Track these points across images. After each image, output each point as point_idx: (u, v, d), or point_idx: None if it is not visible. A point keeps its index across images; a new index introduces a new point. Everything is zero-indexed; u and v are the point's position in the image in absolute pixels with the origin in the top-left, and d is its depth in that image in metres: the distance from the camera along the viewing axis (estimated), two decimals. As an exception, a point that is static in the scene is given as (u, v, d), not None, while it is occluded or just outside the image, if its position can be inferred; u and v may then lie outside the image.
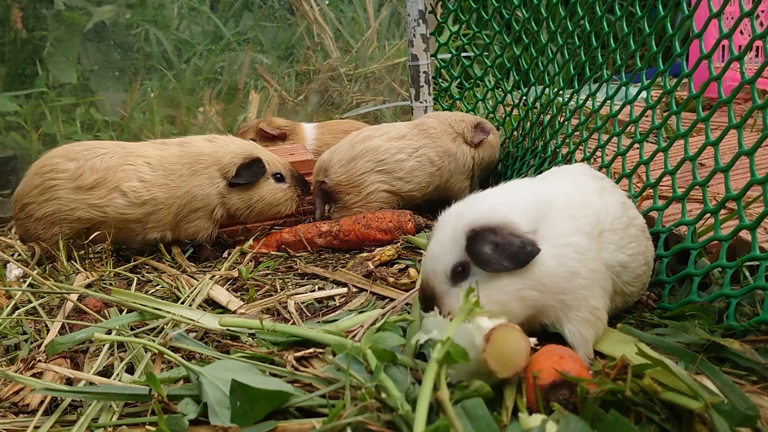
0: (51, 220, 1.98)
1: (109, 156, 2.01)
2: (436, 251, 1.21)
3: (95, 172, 1.97)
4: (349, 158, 2.26)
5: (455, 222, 1.21)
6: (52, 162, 2.00)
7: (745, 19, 1.43)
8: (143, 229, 2.05)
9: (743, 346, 1.19)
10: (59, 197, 1.97)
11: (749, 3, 1.45)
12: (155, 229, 2.06)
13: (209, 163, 2.07)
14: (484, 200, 1.25)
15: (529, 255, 1.14)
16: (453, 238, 1.19)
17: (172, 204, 2.04)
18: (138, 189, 1.99)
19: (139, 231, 2.05)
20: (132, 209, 2.00)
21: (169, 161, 2.05)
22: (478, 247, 1.14)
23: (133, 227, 2.04)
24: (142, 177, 2.00)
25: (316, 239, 2.11)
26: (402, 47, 3.79)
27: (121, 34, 3.14)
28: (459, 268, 1.18)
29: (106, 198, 1.97)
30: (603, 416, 0.98)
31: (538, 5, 2.43)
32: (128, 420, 1.16)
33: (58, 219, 1.98)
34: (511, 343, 1.06)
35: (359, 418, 0.99)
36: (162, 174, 2.02)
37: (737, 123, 1.41)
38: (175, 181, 2.03)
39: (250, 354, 1.31)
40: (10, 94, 2.94)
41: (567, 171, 1.49)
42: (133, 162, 2.01)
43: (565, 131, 2.25)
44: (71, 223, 1.99)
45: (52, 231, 1.99)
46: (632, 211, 1.39)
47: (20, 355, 1.49)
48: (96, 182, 1.97)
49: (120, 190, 1.98)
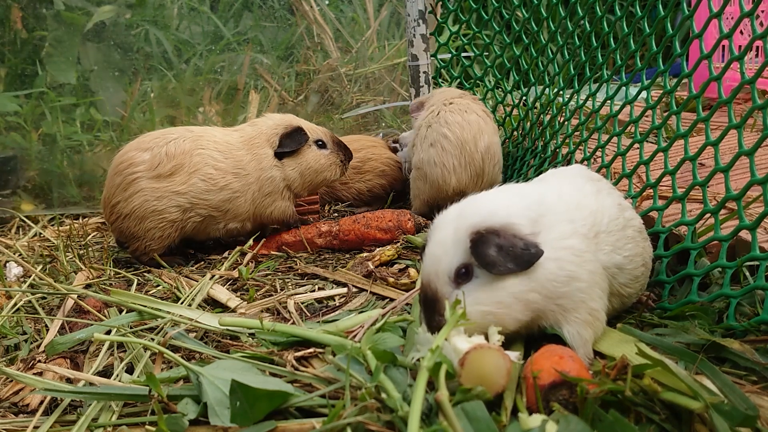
0: (140, 214, 1.99)
1: (182, 140, 2.03)
2: (437, 253, 1.20)
3: (171, 158, 2.00)
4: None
5: (456, 223, 1.20)
6: (128, 157, 2.02)
7: (745, 19, 1.42)
8: (224, 216, 2.07)
9: (743, 346, 1.19)
10: (142, 188, 1.98)
11: (749, 3, 1.45)
12: (235, 218, 2.09)
13: (261, 141, 2.11)
14: (483, 202, 1.24)
15: (533, 257, 1.14)
16: (455, 240, 1.18)
17: (247, 191, 2.07)
18: (214, 176, 2.02)
19: (220, 219, 2.07)
20: (212, 195, 2.02)
21: (235, 146, 2.08)
22: (484, 249, 1.14)
23: (215, 215, 2.06)
24: (216, 165, 2.03)
25: (316, 239, 2.11)
26: (402, 47, 3.79)
27: (121, 34, 3.13)
28: (463, 270, 1.17)
29: (187, 183, 2.00)
30: (603, 416, 0.98)
31: (538, 5, 2.43)
32: (128, 420, 1.16)
33: (146, 212, 1.99)
34: (489, 364, 1.04)
35: (359, 418, 0.99)
36: (232, 163, 2.06)
37: (737, 123, 1.40)
38: (245, 168, 2.07)
39: (250, 354, 1.31)
40: (10, 94, 2.94)
41: (564, 173, 1.49)
42: (204, 146, 2.04)
43: (565, 131, 2.25)
44: (161, 214, 1.99)
45: (143, 226, 1.99)
46: (629, 213, 1.39)
47: (20, 355, 1.49)
48: (174, 168, 1.99)
49: (198, 175, 2.00)
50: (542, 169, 2.25)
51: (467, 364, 1.03)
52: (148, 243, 2.02)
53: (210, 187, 2.01)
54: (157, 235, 2.01)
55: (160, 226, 2.00)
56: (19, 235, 2.60)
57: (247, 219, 2.12)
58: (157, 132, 2.09)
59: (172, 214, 2.00)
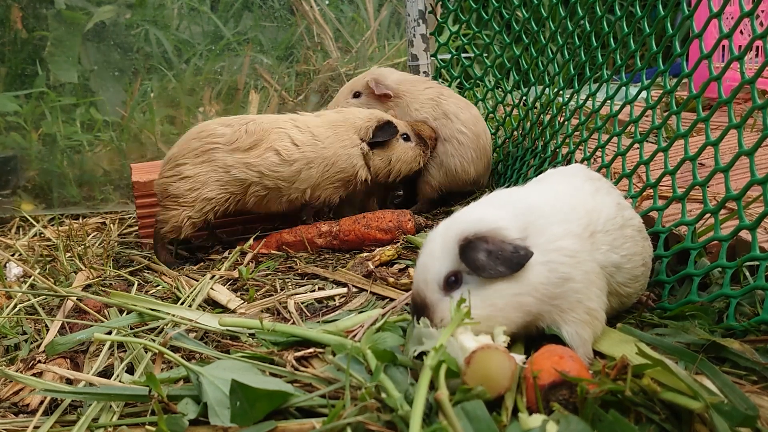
0: (201, 179, 2.04)
1: (260, 120, 2.12)
2: (426, 262, 1.21)
3: (251, 135, 2.08)
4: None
5: (444, 234, 1.22)
6: (210, 127, 2.10)
7: (745, 19, 1.42)
8: (289, 188, 2.13)
9: (743, 346, 1.19)
10: (215, 159, 2.05)
11: (749, 3, 1.45)
12: (300, 188, 2.15)
13: (347, 127, 2.20)
14: (471, 212, 1.26)
15: (522, 258, 1.15)
16: (444, 249, 1.19)
17: (321, 163, 2.14)
18: (290, 148, 2.10)
19: (285, 191, 2.14)
20: (283, 167, 2.09)
21: (314, 125, 2.17)
22: (473, 255, 1.15)
23: (281, 186, 2.12)
24: (293, 138, 2.11)
25: (316, 239, 2.11)
26: (402, 47, 3.79)
27: (121, 34, 3.13)
28: (452, 277, 1.18)
29: (261, 157, 2.06)
30: (603, 416, 0.98)
31: (538, 5, 2.43)
32: (128, 420, 1.16)
33: (209, 180, 2.04)
34: (494, 364, 1.04)
35: (359, 418, 0.99)
36: (310, 136, 2.14)
37: (737, 123, 1.40)
38: (323, 142, 2.15)
39: (250, 354, 1.31)
40: (10, 94, 2.94)
41: (563, 172, 1.49)
42: (283, 125, 2.13)
43: (565, 131, 2.25)
44: (223, 185, 2.05)
45: (196, 194, 2.04)
46: (628, 212, 1.39)
47: (20, 355, 1.49)
48: (253, 143, 2.07)
49: (274, 149, 2.08)
50: (542, 169, 2.25)
51: (473, 363, 1.03)
52: (190, 214, 2.05)
53: (284, 159, 2.09)
54: (206, 208, 2.06)
55: (217, 197, 2.06)
56: (19, 235, 2.60)
57: (309, 187, 2.17)
58: (239, 116, 2.18)
59: (234, 186, 2.07)
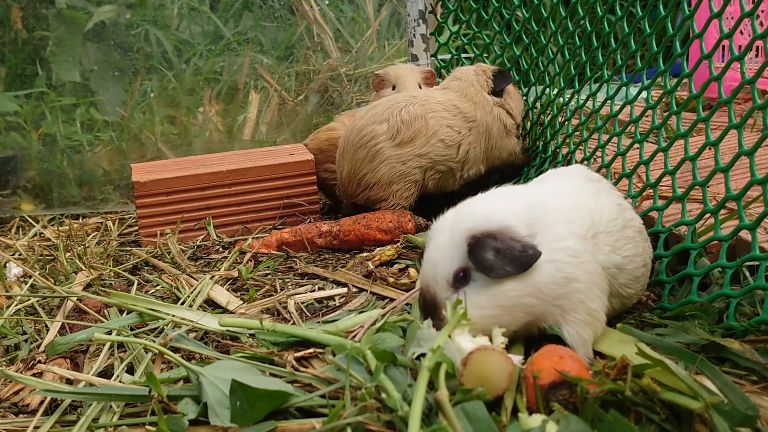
0: (386, 180, 2.13)
1: (411, 106, 2.14)
2: (435, 258, 1.21)
3: (408, 125, 2.11)
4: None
5: (452, 228, 1.21)
6: (368, 131, 2.14)
7: (745, 19, 1.42)
8: (462, 167, 2.21)
9: (743, 346, 1.19)
10: (387, 157, 2.12)
11: (750, 3, 1.45)
12: (473, 166, 2.23)
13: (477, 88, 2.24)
14: (479, 205, 1.25)
15: (531, 258, 1.14)
16: (452, 244, 1.19)
17: (480, 140, 2.21)
18: (451, 134, 2.15)
19: (458, 171, 2.21)
20: (451, 150, 2.16)
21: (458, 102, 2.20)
22: (481, 254, 1.15)
23: (454, 167, 2.19)
24: (449, 124, 2.16)
25: (316, 239, 2.11)
26: (402, 47, 3.79)
27: (121, 34, 3.13)
28: (461, 273, 1.18)
29: (428, 145, 2.12)
30: (603, 416, 0.98)
31: (539, 5, 2.43)
32: (128, 420, 1.16)
33: (393, 177, 2.13)
34: (491, 365, 1.04)
35: (359, 418, 0.99)
36: (462, 118, 2.18)
37: (737, 123, 1.40)
38: (474, 118, 2.20)
39: (250, 354, 1.31)
40: (10, 94, 2.94)
41: (563, 173, 1.49)
42: (434, 108, 2.16)
43: (565, 131, 2.25)
44: (406, 177, 2.14)
45: (390, 190, 2.15)
46: (629, 213, 1.39)
47: (20, 355, 1.49)
48: (414, 134, 2.11)
49: (437, 137, 2.13)
50: (542, 169, 2.25)
51: (470, 364, 1.03)
52: (395, 203, 2.16)
53: (449, 144, 2.15)
54: (404, 195, 2.16)
55: (406, 187, 2.16)
56: (19, 235, 2.60)
57: (481, 162, 2.25)
58: (383, 102, 2.20)
59: (416, 174, 2.15)
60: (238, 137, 3.29)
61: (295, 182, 2.37)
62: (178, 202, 2.28)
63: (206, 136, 3.29)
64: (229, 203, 2.32)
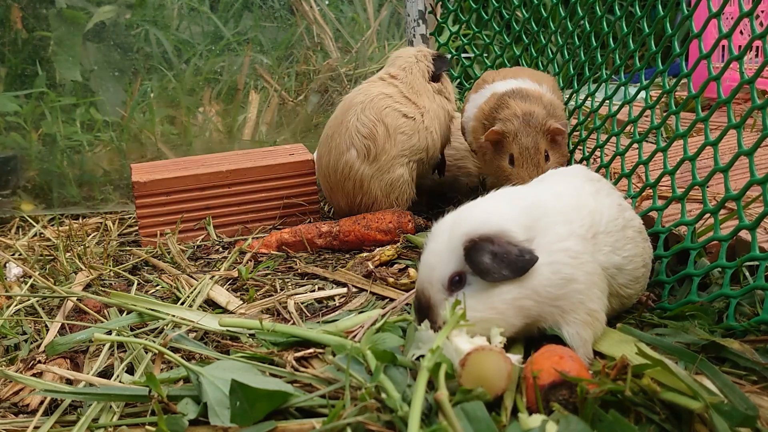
0: (383, 194, 2.17)
1: (361, 113, 2.15)
2: (432, 261, 1.21)
3: (372, 138, 2.13)
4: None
5: (450, 231, 1.21)
6: (341, 164, 2.15)
7: (744, 19, 1.43)
8: (427, 154, 2.25)
9: (743, 346, 1.19)
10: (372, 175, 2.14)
11: (749, 3, 1.45)
12: (433, 153, 2.28)
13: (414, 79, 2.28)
14: (477, 209, 1.25)
15: (527, 263, 1.15)
16: (449, 248, 1.19)
17: (433, 125, 2.25)
18: (408, 122, 2.17)
19: (424, 158, 2.26)
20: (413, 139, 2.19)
21: (404, 95, 2.24)
22: (477, 257, 1.15)
23: (422, 157, 2.24)
24: (404, 113, 2.18)
25: (316, 240, 2.11)
26: (402, 47, 3.79)
27: (121, 34, 3.13)
28: (456, 277, 1.18)
29: (396, 143, 2.15)
30: (603, 416, 0.98)
31: (539, 5, 2.43)
32: (128, 420, 1.16)
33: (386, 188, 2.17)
34: (490, 366, 1.04)
35: (359, 418, 0.99)
36: (412, 106, 2.22)
37: (737, 123, 1.40)
38: (420, 104, 2.24)
39: (250, 354, 1.31)
40: (10, 94, 2.94)
41: (563, 173, 1.49)
42: (386, 104, 2.17)
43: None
44: (396, 182, 2.17)
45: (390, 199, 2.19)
46: (629, 213, 1.39)
47: (20, 355, 1.49)
48: (382, 141, 2.13)
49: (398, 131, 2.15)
50: (542, 169, 2.25)
51: (468, 365, 1.03)
52: (401, 206, 2.21)
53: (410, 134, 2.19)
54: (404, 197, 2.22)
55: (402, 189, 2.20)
56: (18, 235, 2.60)
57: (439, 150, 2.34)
58: (333, 125, 2.23)
59: (403, 174, 2.19)
60: (238, 137, 3.29)
61: (295, 182, 2.37)
62: (178, 202, 2.28)
63: (206, 136, 3.29)
64: (229, 203, 2.33)
